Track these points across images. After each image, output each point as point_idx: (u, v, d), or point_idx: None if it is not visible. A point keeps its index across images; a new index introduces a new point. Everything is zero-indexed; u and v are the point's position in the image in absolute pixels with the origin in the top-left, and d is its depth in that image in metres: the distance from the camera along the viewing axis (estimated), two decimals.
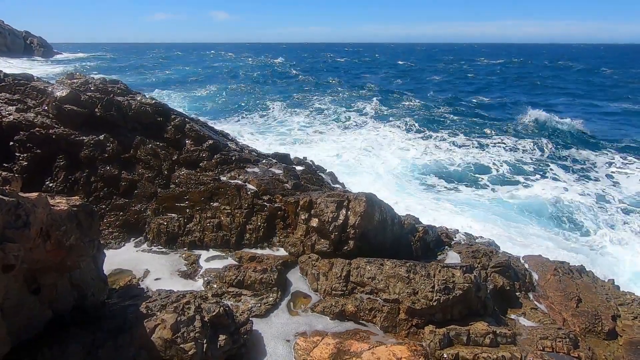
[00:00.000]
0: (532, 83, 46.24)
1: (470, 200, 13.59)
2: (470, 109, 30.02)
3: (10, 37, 72.41)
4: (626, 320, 5.86)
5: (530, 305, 6.05)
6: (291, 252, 6.29)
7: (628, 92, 38.52)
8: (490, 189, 14.88)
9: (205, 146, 7.51)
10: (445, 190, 14.48)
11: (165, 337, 3.78)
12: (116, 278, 5.79)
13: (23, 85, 7.29)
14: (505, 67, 70.33)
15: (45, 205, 3.31)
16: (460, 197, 13.85)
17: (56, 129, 6.95)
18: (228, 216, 6.68)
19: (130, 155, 7.28)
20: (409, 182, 15.08)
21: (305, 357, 4.55)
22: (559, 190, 14.51)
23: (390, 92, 37.07)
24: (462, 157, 18.06)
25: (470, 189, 14.79)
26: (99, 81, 7.87)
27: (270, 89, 39.45)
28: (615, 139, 21.56)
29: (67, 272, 3.67)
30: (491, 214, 12.25)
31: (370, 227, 6.08)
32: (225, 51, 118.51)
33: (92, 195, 7.01)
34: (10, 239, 2.85)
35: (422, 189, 14.54)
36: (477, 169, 16.88)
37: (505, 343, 4.89)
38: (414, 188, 14.51)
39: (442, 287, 5.09)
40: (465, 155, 18.40)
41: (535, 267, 7.04)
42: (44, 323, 3.45)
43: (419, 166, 16.73)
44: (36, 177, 6.74)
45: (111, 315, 3.93)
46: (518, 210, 12.69)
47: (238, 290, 5.62)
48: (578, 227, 11.93)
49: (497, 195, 14.21)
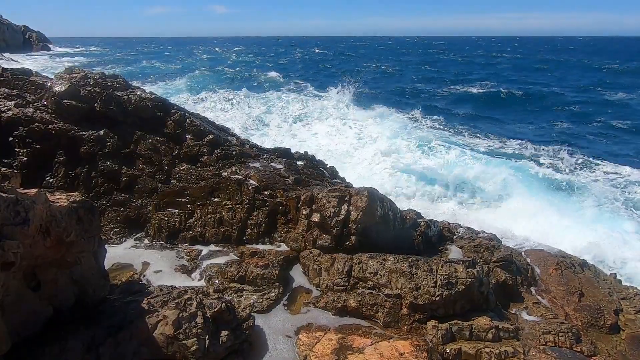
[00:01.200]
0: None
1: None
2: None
3: (9, 31, 72.01)
4: (628, 315, 5.85)
5: (533, 300, 6.04)
6: (293, 248, 6.27)
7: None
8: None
9: (206, 141, 7.47)
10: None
11: (167, 333, 3.77)
12: (117, 274, 5.78)
13: (22, 80, 7.23)
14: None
15: (44, 201, 3.28)
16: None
17: (56, 124, 6.90)
18: (229, 211, 6.65)
19: (130, 151, 7.23)
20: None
21: (307, 353, 4.54)
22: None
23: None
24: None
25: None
26: (98, 76, 7.80)
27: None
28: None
29: (67, 268, 3.65)
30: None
31: (372, 222, 6.05)
32: (216, 45, 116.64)
33: (93, 190, 6.98)
34: (9, 235, 2.82)
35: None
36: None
37: (508, 338, 4.88)
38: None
39: (444, 282, 5.06)
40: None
41: (537, 261, 7.02)
42: (45, 319, 3.44)
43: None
44: (36, 172, 6.70)
45: (112, 311, 3.91)
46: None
47: (240, 286, 5.60)
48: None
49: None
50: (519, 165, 15.25)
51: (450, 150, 16.32)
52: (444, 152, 16.22)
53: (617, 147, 19.71)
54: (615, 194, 12.96)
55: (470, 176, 13.48)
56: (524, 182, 13.40)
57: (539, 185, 13.50)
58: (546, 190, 13.24)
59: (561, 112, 27.47)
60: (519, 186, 12.90)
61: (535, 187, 13.21)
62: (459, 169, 14.08)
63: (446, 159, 15.22)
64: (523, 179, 13.57)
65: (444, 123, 22.22)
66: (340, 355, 4.49)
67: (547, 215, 10.87)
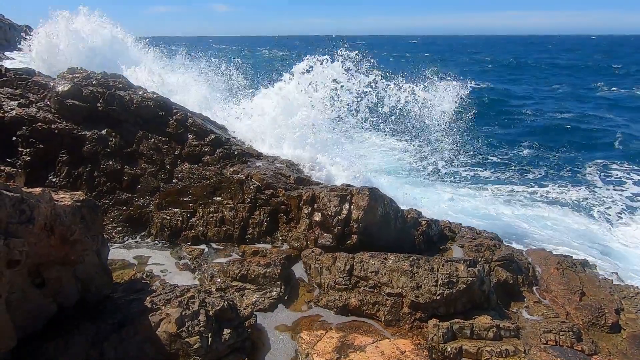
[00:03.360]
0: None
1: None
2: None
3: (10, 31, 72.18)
4: (629, 314, 5.86)
5: (534, 299, 6.05)
6: (294, 247, 6.29)
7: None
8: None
9: (208, 140, 7.49)
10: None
11: (170, 331, 3.80)
12: (120, 272, 5.81)
13: (25, 80, 7.27)
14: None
15: (49, 200, 3.31)
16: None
17: (58, 124, 6.94)
18: (231, 210, 6.68)
19: (132, 150, 7.27)
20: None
21: (309, 351, 4.57)
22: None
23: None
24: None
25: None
26: (100, 75, 7.84)
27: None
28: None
29: (71, 267, 3.68)
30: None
31: (374, 221, 6.07)
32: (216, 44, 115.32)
33: (95, 190, 7.01)
34: (14, 234, 2.85)
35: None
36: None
37: (509, 337, 4.89)
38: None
39: (445, 281, 5.08)
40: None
41: (539, 260, 7.03)
42: (49, 316, 3.47)
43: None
44: (39, 172, 6.74)
45: (115, 309, 3.94)
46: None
47: (242, 285, 5.63)
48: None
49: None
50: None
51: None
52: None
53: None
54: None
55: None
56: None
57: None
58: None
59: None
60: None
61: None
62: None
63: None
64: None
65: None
66: (342, 353, 4.51)
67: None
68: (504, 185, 14.13)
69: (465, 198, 12.63)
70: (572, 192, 13.59)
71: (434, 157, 16.72)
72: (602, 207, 12.60)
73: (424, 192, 12.39)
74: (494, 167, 16.38)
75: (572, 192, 13.58)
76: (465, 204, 12.13)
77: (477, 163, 16.72)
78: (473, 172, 15.60)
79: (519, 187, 13.95)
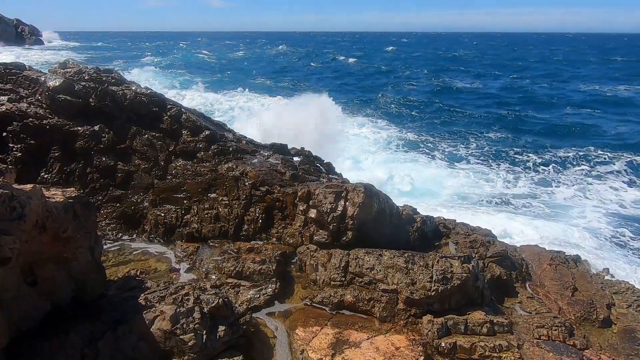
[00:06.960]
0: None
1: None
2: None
3: (1, 25, 71.07)
4: (620, 309, 5.95)
5: (527, 295, 6.11)
6: (289, 243, 6.28)
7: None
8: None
9: (202, 137, 7.43)
10: None
11: (164, 329, 3.78)
12: (114, 270, 5.77)
13: (15, 75, 7.15)
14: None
15: (40, 197, 3.27)
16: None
17: (50, 120, 6.84)
18: (226, 207, 6.65)
19: (126, 146, 7.19)
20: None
21: (304, 347, 4.58)
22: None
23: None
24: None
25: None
26: (93, 70, 7.72)
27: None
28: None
29: (64, 264, 3.64)
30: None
31: (369, 217, 6.08)
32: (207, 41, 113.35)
33: (88, 186, 6.94)
34: (5, 231, 2.81)
35: None
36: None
37: (502, 332, 4.94)
38: None
39: (440, 277, 5.11)
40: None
41: (532, 256, 7.10)
42: (43, 315, 3.43)
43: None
44: (31, 168, 6.65)
45: (110, 306, 3.92)
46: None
47: (237, 281, 5.62)
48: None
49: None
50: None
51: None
52: None
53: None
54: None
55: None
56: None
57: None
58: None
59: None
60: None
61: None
62: None
63: None
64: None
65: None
66: (337, 349, 4.53)
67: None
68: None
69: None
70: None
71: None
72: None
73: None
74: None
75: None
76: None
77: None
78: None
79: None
